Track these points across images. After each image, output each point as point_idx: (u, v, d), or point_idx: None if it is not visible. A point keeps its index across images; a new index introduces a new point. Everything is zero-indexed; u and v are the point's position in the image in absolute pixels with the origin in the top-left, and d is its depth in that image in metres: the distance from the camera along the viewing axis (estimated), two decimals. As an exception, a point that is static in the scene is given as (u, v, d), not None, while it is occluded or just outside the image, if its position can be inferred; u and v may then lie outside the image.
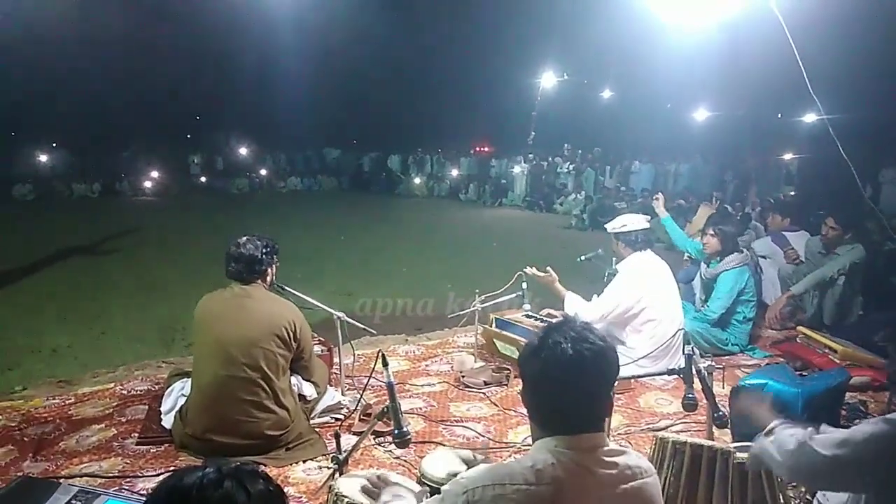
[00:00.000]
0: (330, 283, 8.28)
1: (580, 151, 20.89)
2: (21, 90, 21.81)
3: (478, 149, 27.11)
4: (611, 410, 1.95)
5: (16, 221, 15.13)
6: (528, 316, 4.51)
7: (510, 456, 3.16)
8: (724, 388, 3.73)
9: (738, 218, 8.45)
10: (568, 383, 1.41)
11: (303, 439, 3.17)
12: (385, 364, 2.19)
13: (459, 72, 26.55)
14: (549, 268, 4.49)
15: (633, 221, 4.41)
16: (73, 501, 2.29)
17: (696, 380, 2.76)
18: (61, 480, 2.62)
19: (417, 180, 25.50)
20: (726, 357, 4.73)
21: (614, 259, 4.58)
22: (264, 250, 3.19)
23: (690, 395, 2.69)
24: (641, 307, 4.25)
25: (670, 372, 2.97)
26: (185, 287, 8.90)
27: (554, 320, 2.74)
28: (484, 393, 3.98)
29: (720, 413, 2.63)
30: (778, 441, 1.85)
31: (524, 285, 4.49)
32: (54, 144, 25.51)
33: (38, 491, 2.38)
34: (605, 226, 4.64)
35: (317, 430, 3.34)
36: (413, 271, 9.71)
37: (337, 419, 3.52)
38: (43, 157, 24.96)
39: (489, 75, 25.32)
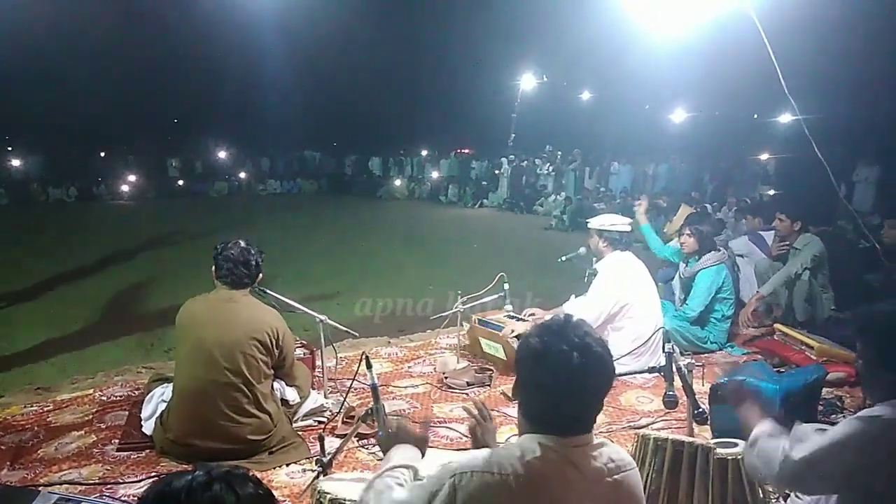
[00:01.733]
0: (310, 285, 8.26)
1: (560, 153, 21.00)
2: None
3: (459, 150, 27.14)
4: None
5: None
6: (510, 317, 4.53)
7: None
8: (703, 385, 3.78)
9: (716, 217, 8.59)
10: (571, 391, 1.43)
11: (286, 443, 3.16)
12: (369, 366, 2.19)
13: (440, 74, 26.67)
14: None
15: (617, 222, 4.46)
16: (54, 509, 2.27)
17: (676, 377, 2.80)
18: (40, 489, 2.59)
19: (398, 182, 25.50)
20: (705, 355, 4.78)
21: (594, 259, 4.62)
22: (250, 255, 3.17)
23: (671, 393, 2.72)
24: (621, 305, 4.30)
25: (651, 370, 3.01)
26: (162, 292, 8.83)
27: (541, 319, 2.75)
28: (467, 394, 3.99)
29: (700, 410, 2.67)
30: (762, 454, 1.89)
31: (506, 286, 4.52)
32: (28, 147, 25.09)
33: (16, 500, 2.35)
34: (589, 221, 4.68)
35: (300, 433, 3.33)
36: (394, 273, 9.70)
37: (320, 422, 3.51)
38: (17, 161, 24.57)
39: (469, 78, 25.47)
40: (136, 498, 2.74)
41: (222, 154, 28.50)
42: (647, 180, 18.72)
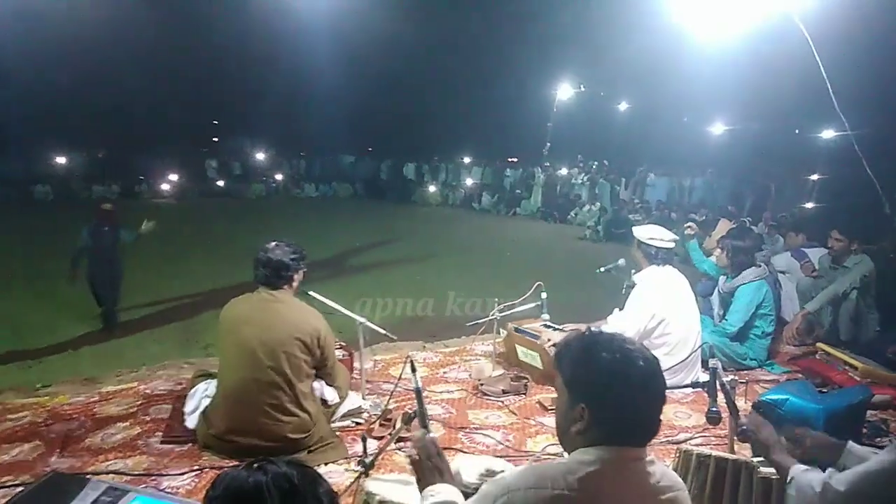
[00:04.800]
0: (344, 288, 8.32)
1: (595, 163, 20.88)
2: (43, 92, 22.07)
3: (506, 160, 26.82)
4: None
5: (34, 221, 15.34)
6: (546, 326, 4.52)
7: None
8: (745, 402, 3.73)
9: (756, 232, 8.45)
10: (647, 398, 1.45)
11: (324, 443, 3.19)
12: (413, 370, 2.21)
13: (477, 82, 26.67)
14: None
15: (663, 236, 4.40)
16: (103, 497, 2.32)
17: (719, 394, 2.76)
18: (89, 477, 2.66)
19: (432, 188, 25.60)
20: (745, 372, 4.71)
21: (633, 270, 4.58)
22: (292, 256, 3.23)
23: (714, 409, 2.69)
24: (658, 320, 4.25)
25: (694, 385, 2.98)
26: (200, 290, 9.01)
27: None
28: (502, 401, 3.99)
29: (744, 427, 2.63)
30: (799, 489, 1.87)
31: (543, 295, 4.50)
32: (73, 145, 25.75)
33: (68, 487, 2.41)
34: (634, 230, 4.63)
35: (338, 433, 3.36)
36: (428, 279, 9.75)
37: (357, 423, 3.54)
38: (62, 159, 25.23)
39: (506, 86, 25.44)
40: (177, 489, 2.81)
41: (260, 156, 28.93)
42: (684, 193, 18.50)
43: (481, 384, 4.16)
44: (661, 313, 4.23)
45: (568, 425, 1.50)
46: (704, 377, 3.77)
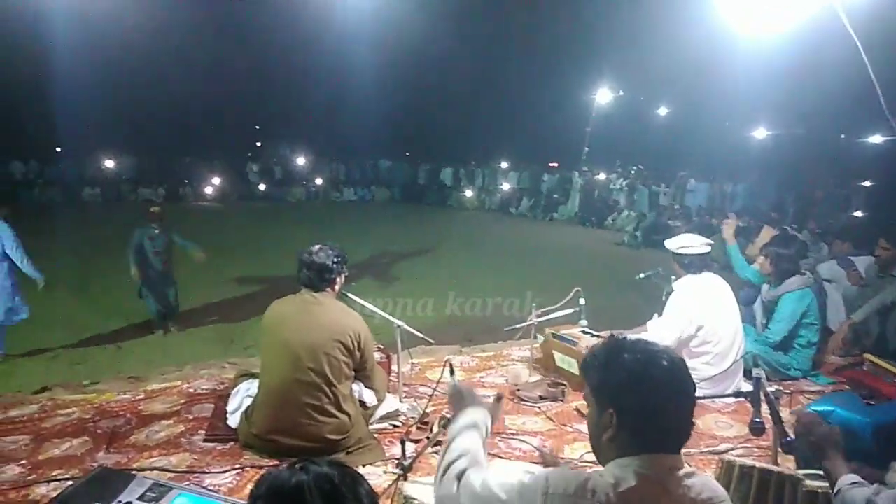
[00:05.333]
0: (381, 291, 8.39)
1: (634, 168, 20.65)
2: (93, 97, 22.70)
3: (546, 164, 26.61)
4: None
5: (83, 222, 15.81)
6: (584, 332, 4.49)
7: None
8: (789, 413, 3.65)
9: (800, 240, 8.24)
10: (673, 399, 1.44)
11: (362, 444, 3.23)
12: (452, 373, 2.23)
13: (515, 86, 26.66)
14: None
15: (694, 243, 4.33)
16: (149, 493, 2.39)
17: (763, 404, 2.71)
18: (134, 473, 2.74)
19: (469, 193, 25.63)
20: (788, 382, 4.61)
21: (673, 277, 4.52)
22: (335, 259, 3.28)
23: (758, 420, 2.64)
24: (697, 327, 4.17)
25: (737, 395, 2.92)
26: (241, 292, 9.18)
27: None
28: (539, 407, 3.98)
29: (788, 439, 2.58)
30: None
31: (582, 301, 4.47)
32: (121, 148, 26.44)
33: (115, 482, 2.49)
34: (665, 243, 4.57)
35: (375, 435, 3.39)
36: (464, 283, 9.76)
37: (395, 426, 3.57)
38: (111, 163, 25.94)
39: (544, 90, 25.37)
40: (219, 487, 2.87)
41: (300, 160, 29.31)
42: (725, 199, 18.17)
43: (518, 389, 4.15)
44: (699, 320, 4.16)
45: (599, 434, 1.50)
46: (747, 387, 3.70)
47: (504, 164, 27.31)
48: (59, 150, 25.59)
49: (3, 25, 16.91)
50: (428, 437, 3.13)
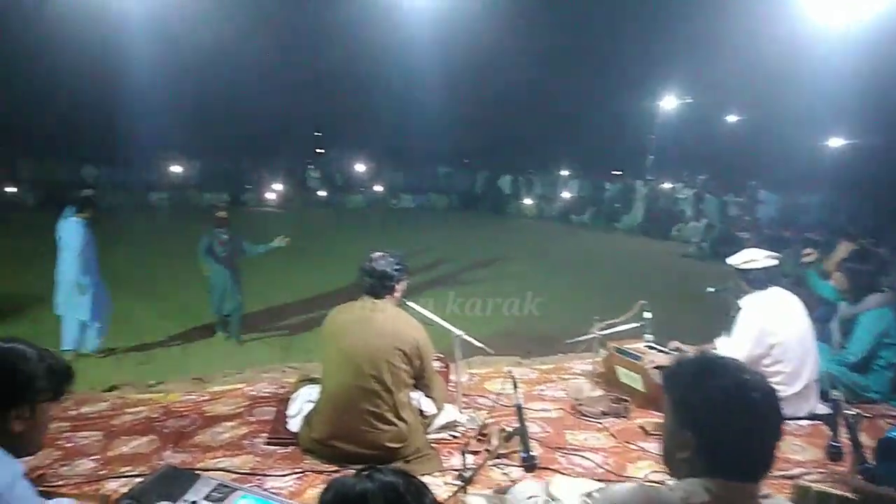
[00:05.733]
0: (438, 299, 8.37)
1: (702, 177, 20.11)
2: (162, 105, 23.63)
3: (609, 172, 26.30)
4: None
5: (150, 226, 16.42)
6: (650, 347, 4.36)
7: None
8: (867, 439, 3.44)
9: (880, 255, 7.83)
10: (760, 433, 1.37)
11: (420, 454, 3.20)
12: (515, 386, 2.18)
13: (577, 92, 26.40)
14: None
15: (757, 257, 4.13)
16: (214, 493, 2.43)
17: (841, 428, 2.56)
18: (199, 472, 2.78)
19: (527, 201, 25.49)
20: (866, 405, 4.36)
21: (741, 293, 4.34)
22: (396, 267, 3.28)
23: (836, 444, 2.50)
24: (768, 345, 3.98)
25: (813, 417, 2.77)
26: (300, 296, 9.33)
27: (691, 353, 2.61)
28: (601, 423, 3.87)
29: (867, 465, 2.43)
30: None
31: (647, 315, 4.35)
32: (188, 155, 27.44)
33: (181, 480, 2.54)
34: (728, 259, 4.38)
35: (433, 445, 3.36)
36: (523, 293, 9.67)
37: (454, 436, 3.53)
38: (178, 168, 26.94)
39: (607, 96, 25.06)
40: (280, 490, 2.89)
41: (360, 167, 29.77)
42: (798, 211, 17.49)
43: (580, 404, 4.05)
44: (769, 338, 3.97)
45: (674, 450, 1.44)
46: (823, 409, 3.51)
47: (564, 172, 27.07)
48: (129, 156, 26.71)
49: (79, 36, 17.81)
50: (488, 450, 3.08)
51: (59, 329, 6.87)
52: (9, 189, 22.82)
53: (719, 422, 1.36)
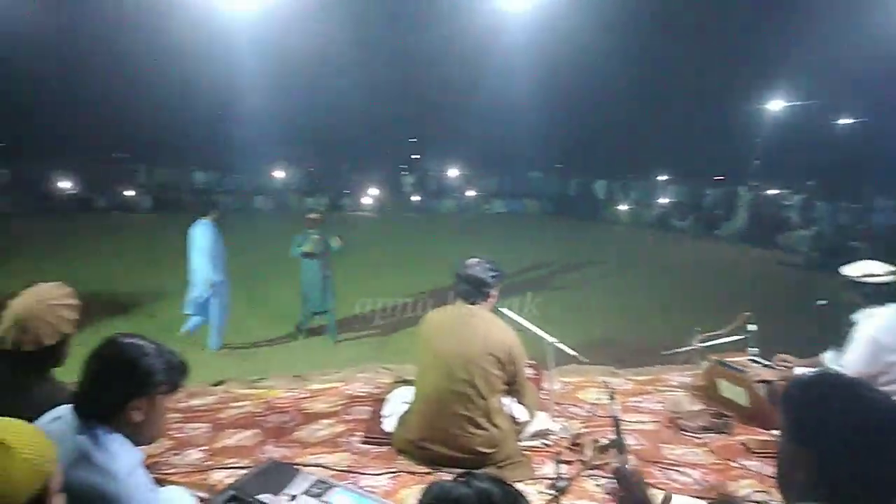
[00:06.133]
0: (530, 305, 8.33)
1: (810, 182, 19.01)
2: (268, 111, 24.71)
3: (712, 178, 25.28)
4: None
5: (253, 228, 17.19)
6: (754, 360, 4.16)
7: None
8: None
9: None
10: (886, 459, 1.27)
11: (512, 460, 3.19)
12: (612, 397, 2.14)
13: (676, 95, 25.55)
14: None
15: (878, 271, 3.83)
16: (313, 489, 2.52)
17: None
18: (299, 468, 2.89)
19: (623, 206, 24.91)
20: None
21: (856, 307, 4.05)
22: (492, 273, 3.30)
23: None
24: (886, 363, 3.70)
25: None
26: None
27: (798, 370, 2.48)
28: (701, 438, 3.73)
29: None
30: None
31: (752, 327, 4.15)
32: (290, 161, 28.59)
33: (283, 474, 2.65)
34: (842, 269, 4.09)
35: (525, 452, 3.34)
36: (617, 301, 9.46)
37: (546, 445, 3.49)
38: (281, 174, 28.13)
39: (709, 98, 24.08)
40: (374, 489, 2.96)
41: (453, 172, 30.03)
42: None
43: (678, 418, 3.92)
44: (886, 356, 3.69)
45: (790, 471, 1.37)
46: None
47: (662, 178, 26.26)
48: (234, 161, 28.17)
49: (189, 48, 18.95)
50: (581, 461, 3.04)
51: (178, 325, 7.36)
52: (127, 193, 24.54)
53: (844, 442, 1.29)
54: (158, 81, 23.77)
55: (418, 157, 32.80)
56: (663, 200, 24.43)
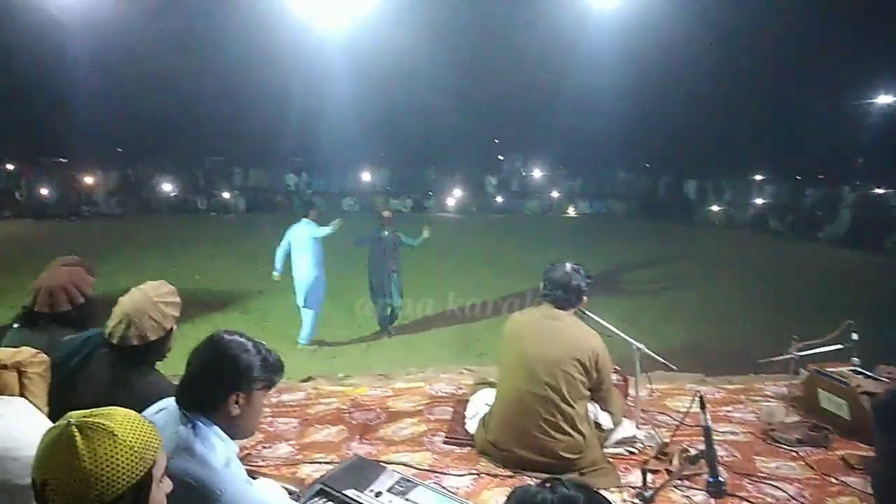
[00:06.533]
0: (614, 308, 8.15)
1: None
2: (355, 115, 25.34)
3: (815, 177, 23.91)
4: None
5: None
6: (856, 371, 3.93)
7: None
8: None
9: None
10: None
11: (596, 467, 3.14)
12: (703, 407, 2.07)
13: (772, 89, 24.28)
14: None
15: None
16: (396, 486, 2.57)
17: None
18: (384, 465, 2.96)
19: (715, 207, 23.98)
20: None
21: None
22: (586, 280, 3.26)
23: None
24: None
25: None
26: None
27: None
28: (797, 452, 3.55)
29: None
30: None
31: (854, 336, 3.92)
32: (376, 163, 29.24)
33: (368, 471, 2.71)
34: None
35: (609, 459, 3.29)
36: (707, 306, 9.13)
37: (631, 452, 3.42)
38: (368, 175, 28.76)
39: (809, 92, 22.76)
40: (456, 489, 2.98)
41: (536, 173, 29.80)
42: None
43: (772, 429, 3.75)
44: None
45: (890, 489, 1.29)
46: None
47: (758, 177, 25.07)
48: (325, 165, 29.10)
49: (279, 54, 19.70)
50: (669, 471, 2.95)
51: (269, 321, 7.70)
52: (224, 195, 25.76)
53: None
54: (256, 90, 24.89)
55: (502, 157, 32.72)
56: (759, 201, 23.32)
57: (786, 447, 3.60)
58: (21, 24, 15.45)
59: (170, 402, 1.95)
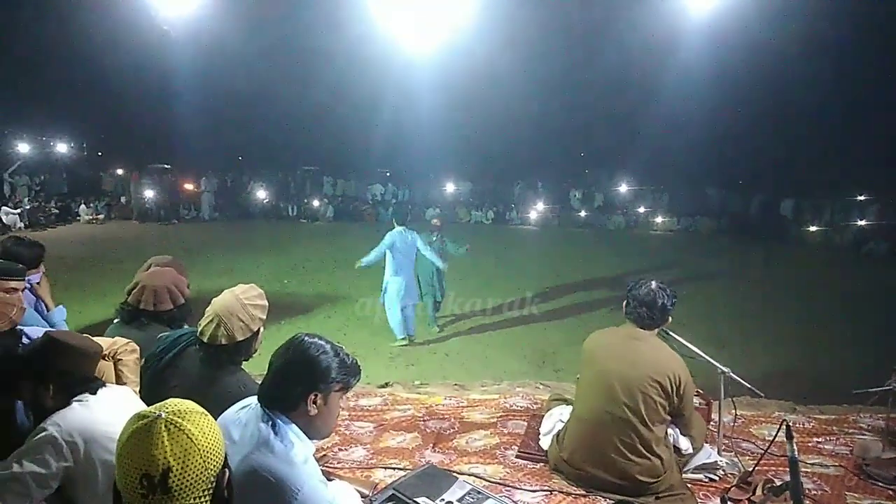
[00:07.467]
0: (698, 330, 7.85)
1: None
2: (443, 127, 25.64)
3: None
4: None
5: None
6: (965, 408, 3.64)
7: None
8: None
9: None
10: None
11: (674, 492, 3.05)
12: (790, 437, 1.98)
13: (881, 106, 22.78)
14: None
15: None
16: (467, 497, 2.59)
17: None
18: (456, 475, 2.97)
19: (813, 228, 22.74)
20: None
21: None
22: (672, 301, 3.18)
23: None
24: None
25: None
26: (554, 316, 9.43)
27: None
28: (894, 490, 3.33)
29: None
30: None
31: (964, 370, 3.64)
32: (458, 175, 29.49)
33: (440, 480, 2.75)
34: None
35: (689, 485, 3.18)
36: (800, 332, 8.69)
37: (711, 479, 3.30)
38: (451, 188, 29.01)
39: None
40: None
41: (622, 188, 29.18)
42: None
43: (866, 464, 3.52)
44: None
45: None
46: None
47: (861, 197, 23.58)
48: (410, 175, 29.70)
49: (379, 77, 20.27)
50: (751, 501, 2.83)
51: (350, 326, 7.92)
52: (313, 203, 26.60)
53: None
54: (347, 103, 25.77)
55: (587, 171, 32.25)
56: (862, 222, 21.95)
57: (882, 485, 3.39)
58: (133, 41, 16.55)
59: (253, 400, 2.04)
